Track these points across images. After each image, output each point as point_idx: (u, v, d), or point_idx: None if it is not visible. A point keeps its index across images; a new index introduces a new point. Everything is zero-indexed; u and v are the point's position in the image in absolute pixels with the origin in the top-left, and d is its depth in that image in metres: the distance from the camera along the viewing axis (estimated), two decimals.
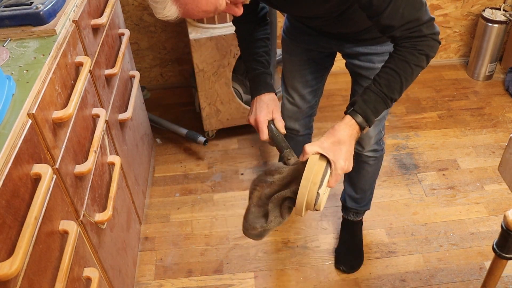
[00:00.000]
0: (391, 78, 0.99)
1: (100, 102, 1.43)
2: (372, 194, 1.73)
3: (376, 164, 1.59)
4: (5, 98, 0.91)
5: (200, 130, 2.29)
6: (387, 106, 1.02)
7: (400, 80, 0.99)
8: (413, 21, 0.96)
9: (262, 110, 1.17)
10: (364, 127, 1.01)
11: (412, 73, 1.00)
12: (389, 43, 1.07)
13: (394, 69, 0.99)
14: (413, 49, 0.98)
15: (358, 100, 1.01)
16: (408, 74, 0.99)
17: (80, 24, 1.30)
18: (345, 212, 1.78)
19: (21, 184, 0.88)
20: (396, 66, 0.99)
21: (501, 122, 2.39)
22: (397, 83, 0.99)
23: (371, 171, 1.60)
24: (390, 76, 0.99)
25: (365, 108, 1.00)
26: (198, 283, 1.73)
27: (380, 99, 1.00)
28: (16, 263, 0.78)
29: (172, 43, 2.54)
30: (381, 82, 1.00)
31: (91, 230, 1.22)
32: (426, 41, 0.99)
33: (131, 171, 1.75)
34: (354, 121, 1.00)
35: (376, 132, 1.46)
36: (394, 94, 1.00)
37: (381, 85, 1.00)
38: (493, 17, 2.50)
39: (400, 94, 1.01)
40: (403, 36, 0.98)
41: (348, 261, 1.74)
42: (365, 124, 1.00)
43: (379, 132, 1.48)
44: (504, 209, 1.94)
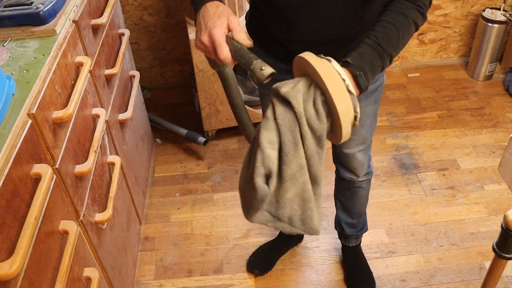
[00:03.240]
0: (388, 31, 0.89)
1: (100, 102, 1.43)
2: (366, 215, 1.69)
3: (368, 185, 1.56)
4: (5, 98, 0.91)
5: (200, 130, 2.29)
6: (383, 63, 0.89)
7: (397, 34, 0.90)
8: None
9: (214, 22, 0.86)
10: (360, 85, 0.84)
11: (409, 28, 0.92)
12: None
13: (391, 21, 0.90)
14: (412, 3, 0.92)
15: (352, 54, 0.87)
16: (406, 28, 0.91)
17: (80, 24, 1.30)
18: (345, 240, 1.72)
19: (21, 184, 0.88)
20: (393, 19, 0.91)
21: (501, 122, 2.39)
22: (395, 37, 0.90)
23: (365, 194, 1.58)
24: (387, 29, 0.89)
25: (361, 61, 0.85)
26: (198, 283, 1.73)
27: (376, 53, 0.88)
28: (16, 263, 0.78)
29: (172, 43, 2.54)
30: (377, 35, 0.89)
31: (91, 230, 1.22)
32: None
33: (131, 171, 1.75)
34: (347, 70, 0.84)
35: (367, 158, 1.45)
36: (391, 49, 0.89)
37: (378, 38, 0.88)
38: (493, 17, 2.50)
39: (396, 51, 0.91)
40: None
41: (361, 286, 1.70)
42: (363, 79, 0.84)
43: (369, 156, 1.47)
44: (504, 209, 1.94)
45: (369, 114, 1.31)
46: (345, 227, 1.66)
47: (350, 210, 1.62)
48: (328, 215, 1.94)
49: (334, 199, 1.66)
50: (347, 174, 1.48)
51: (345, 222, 1.65)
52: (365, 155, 1.42)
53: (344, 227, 1.66)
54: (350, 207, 1.61)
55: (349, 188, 1.55)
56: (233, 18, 0.87)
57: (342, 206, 1.63)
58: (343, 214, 1.64)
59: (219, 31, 0.84)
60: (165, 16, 2.43)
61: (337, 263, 1.78)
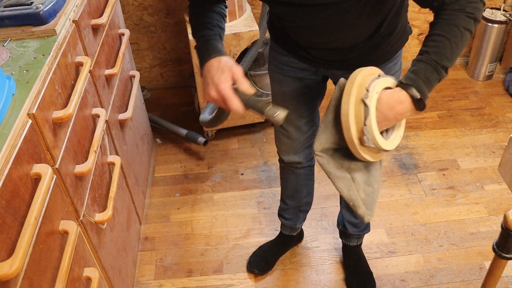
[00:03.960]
0: (440, 44, 0.91)
1: (100, 102, 1.43)
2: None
3: None
4: (5, 98, 0.91)
5: (200, 130, 2.29)
6: (439, 76, 0.92)
7: (450, 46, 0.90)
8: None
9: (219, 77, 0.94)
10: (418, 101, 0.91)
11: (462, 37, 0.92)
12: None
13: (442, 34, 0.91)
14: (461, 11, 0.91)
15: (407, 74, 0.91)
16: (458, 38, 0.91)
17: (80, 24, 1.30)
18: (347, 239, 1.72)
19: (21, 184, 0.88)
20: (443, 31, 0.91)
21: (501, 122, 2.39)
22: (447, 48, 0.91)
23: None
24: (438, 42, 0.91)
25: (415, 78, 0.90)
26: (198, 283, 1.73)
27: (430, 67, 0.90)
28: (16, 263, 0.78)
29: (172, 43, 2.54)
30: (429, 50, 0.91)
31: (91, 230, 1.22)
32: (474, 2, 0.92)
33: (131, 171, 1.75)
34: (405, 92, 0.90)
35: None
36: (445, 61, 0.91)
37: (430, 53, 0.91)
38: (493, 17, 2.50)
39: (451, 62, 0.92)
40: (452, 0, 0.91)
41: (361, 285, 1.70)
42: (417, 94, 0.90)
43: None
44: (504, 209, 1.94)
45: None
46: (348, 226, 1.66)
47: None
48: (328, 215, 1.94)
49: (339, 197, 1.66)
50: None
51: (348, 221, 1.65)
52: None
53: (347, 226, 1.66)
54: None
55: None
56: (236, 70, 0.94)
57: (346, 205, 1.63)
58: (347, 213, 1.64)
59: (226, 85, 0.92)
60: (165, 16, 2.43)
61: (337, 263, 1.78)
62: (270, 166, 2.19)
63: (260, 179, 2.13)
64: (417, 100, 0.90)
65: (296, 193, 1.64)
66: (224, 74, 0.93)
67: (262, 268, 1.75)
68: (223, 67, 0.94)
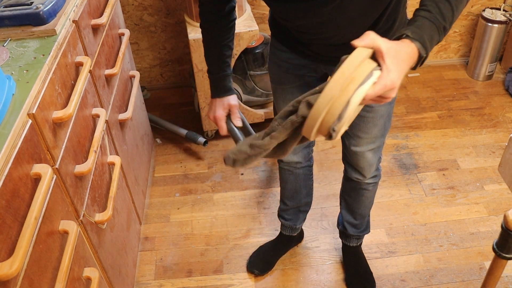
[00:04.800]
0: (440, 5, 0.86)
1: (100, 102, 1.43)
2: (369, 217, 1.69)
3: (374, 188, 1.55)
4: (5, 98, 0.91)
5: (200, 130, 2.29)
6: (439, 36, 0.86)
7: (451, 7, 0.87)
8: None
9: (218, 108, 1.26)
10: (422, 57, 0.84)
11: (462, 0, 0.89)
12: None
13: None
14: None
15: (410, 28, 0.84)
16: (459, 1, 0.88)
17: (80, 24, 1.30)
18: (346, 240, 1.72)
19: (21, 184, 0.88)
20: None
21: (501, 122, 2.39)
22: (448, 10, 0.87)
23: (370, 196, 1.57)
24: (440, 3, 0.86)
25: (422, 34, 0.83)
26: (198, 283, 1.73)
27: (434, 27, 0.85)
28: (16, 263, 0.78)
29: (172, 43, 2.54)
30: (431, 10, 0.86)
31: (91, 230, 1.22)
32: None
33: (131, 171, 1.75)
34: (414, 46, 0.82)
35: (376, 159, 1.43)
36: (447, 23, 0.87)
37: (432, 12, 0.86)
38: (493, 17, 2.50)
39: (451, 24, 0.88)
40: None
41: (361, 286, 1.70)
42: (424, 51, 0.83)
43: (379, 158, 1.45)
44: (504, 209, 1.94)
45: (383, 114, 1.29)
46: (348, 227, 1.66)
47: (354, 211, 1.62)
48: (328, 215, 1.94)
49: (339, 197, 1.66)
50: (354, 174, 1.48)
51: (347, 222, 1.65)
52: (375, 155, 1.41)
53: (346, 227, 1.66)
54: (354, 207, 1.61)
55: (355, 189, 1.54)
56: (233, 104, 1.26)
57: (347, 206, 1.63)
58: (347, 214, 1.64)
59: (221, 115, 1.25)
60: (165, 16, 2.43)
61: (337, 263, 1.78)
62: (270, 166, 2.19)
63: (260, 179, 2.13)
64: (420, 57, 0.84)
65: (296, 193, 1.65)
66: (223, 106, 1.26)
67: (262, 268, 1.75)
68: (225, 103, 1.26)
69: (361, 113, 1.28)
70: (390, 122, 1.37)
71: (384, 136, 1.38)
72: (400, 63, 0.78)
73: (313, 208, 1.84)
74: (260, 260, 1.77)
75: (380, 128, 1.33)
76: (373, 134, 1.33)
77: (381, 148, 1.42)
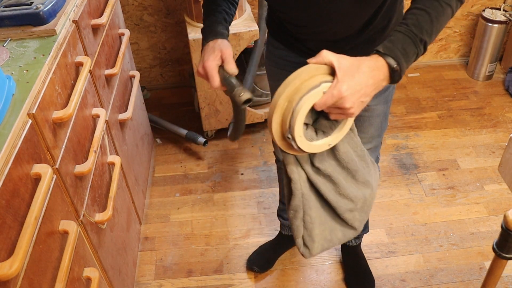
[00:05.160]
0: (420, 18, 0.88)
1: (100, 102, 1.43)
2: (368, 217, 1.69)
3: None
4: (5, 98, 0.91)
5: (200, 130, 2.30)
6: (417, 49, 0.88)
7: (430, 19, 0.87)
8: None
9: (209, 56, 1.03)
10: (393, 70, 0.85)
11: (444, 12, 0.89)
12: None
13: (422, 8, 0.88)
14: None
15: (384, 42, 0.87)
16: (439, 13, 0.88)
17: (80, 24, 1.30)
18: None
19: (21, 184, 0.88)
20: (423, 5, 0.88)
21: (501, 122, 2.39)
22: (427, 22, 0.87)
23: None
24: (418, 15, 0.88)
25: (392, 47, 0.85)
26: (198, 283, 1.73)
27: (409, 39, 0.86)
28: (16, 263, 0.78)
29: (172, 43, 2.54)
30: (408, 22, 0.88)
31: (91, 230, 1.22)
32: None
33: (131, 171, 1.75)
34: (382, 59, 0.84)
35: (373, 159, 1.38)
36: (424, 35, 0.88)
37: (409, 25, 0.87)
38: (493, 17, 2.50)
39: (431, 36, 0.89)
40: None
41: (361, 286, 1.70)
42: (393, 63, 0.85)
43: (376, 158, 1.45)
44: (504, 209, 1.94)
45: (379, 113, 1.29)
46: None
47: None
48: None
49: None
50: None
51: None
52: (372, 155, 1.40)
53: None
54: None
55: None
56: (226, 50, 1.02)
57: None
58: None
59: (211, 63, 1.00)
60: (165, 16, 2.43)
61: (337, 263, 1.78)
62: (270, 166, 2.19)
63: (260, 179, 2.13)
64: (393, 70, 0.85)
65: None
66: (214, 53, 1.01)
67: (262, 266, 1.75)
68: (215, 48, 1.02)
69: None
70: (387, 122, 1.36)
71: (381, 136, 1.38)
72: (355, 75, 0.81)
73: None
74: (260, 258, 1.77)
75: (376, 128, 1.33)
76: (369, 133, 1.33)
77: (379, 148, 1.42)
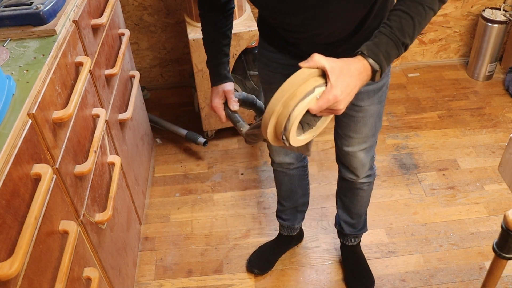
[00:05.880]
0: (403, 21, 0.90)
1: (100, 102, 1.43)
2: (367, 215, 1.69)
3: (369, 188, 1.55)
4: (5, 98, 0.91)
5: (200, 130, 2.29)
6: (398, 51, 0.92)
7: (413, 23, 0.90)
8: None
9: (215, 98, 1.27)
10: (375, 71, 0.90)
11: (426, 16, 0.91)
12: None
13: (406, 11, 0.90)
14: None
15: (368, 44, 0.91)
16: (422, 17, 0.91)
17: (80, 24, 1.30)
18: (344, 239, 1.72)
19: (21, 184, 0.88)
20: (408, 8, 0.90)
21: (501, 122, 2.39)
22: (410, 26, 0.90)
23: (365, 196, 1.57)
24: (402, 19, 0.90)
25: (376, 51, 0.89)
26: (198, 283, 1.73)
27: (392, 43, 0.90)
28: (16, 263, 0.78)
29: (172, 43, 2.54)
30: (392, 25, 0.90)
31: (91, 230, 1.22)
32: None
33: (131, 171, 1.75)
34: (366, 61, 0.88)
35: (369, 158, 1.43)
36: (406, 39, 0.91)
37: (393, 28, 0.90)
38: (493, 17, 2.50)
39: (412, 39, 0.92)
40: None
41: (360, 284, 1.70)
42: (377, 67, 0.89)
43: (372, 157, 1.45)
44: (504, 209, 1.94)
45: (372, 113, 1.30)
46: (344, 226, 1.66)
47: (350, 210, 1.62)
48: (328, 215, 1.94)
49: (335, 197, 1.66)
50: (347, 174, 1.48)
51: (344, 221, 1.65)
52: (367, 155, 1.41)
53: (343, 226, 1.66)
54: (350, 207, 1.61)
55: (350, 189, 1.54)
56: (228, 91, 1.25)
57: (342, 205, 1.63)
58: (343, 213, 1.64)
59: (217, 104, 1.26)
60: (165, 16, 2.43)
61: (337, 263, 1.78)
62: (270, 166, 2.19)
63: (260, 179, 2.13)
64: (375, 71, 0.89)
65: (292, 194, 1.65)
66: (219, 95, 1.26)
67: (262, 268, 1.75)
68: (219, 91, 1.26)
69: (351, 113, 1.29)
70: (381, 122, 1.37)
71: (375, 136, 1.38)
72: (346, 78, 0.85)
73: (313, 208, 1.84)
74: (260, 259, 1.77)
75: (370, 128, 1.33)
76: (364, 133, 1.33)
77: (373, 147, 1.42)
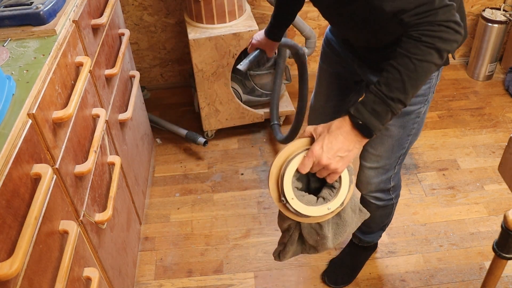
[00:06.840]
0: (390, 76, 0.88)
1: (100, 102, 1.43)
2: (380, 236, 1.68)
3: (381, 211, 1.51)
4: (5, 98, 0.91)
5: (200, 130, 2.29)
6: (389, 107, 0.89)
7: (401, 78, 0.87)
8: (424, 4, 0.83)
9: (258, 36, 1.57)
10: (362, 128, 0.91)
11: (416, 69, 0.87)
12: None
13: (394, 65, 0.88)
14: (417, 41, 0.85)
15: (357, 103, 0.92)
16: (411, 70, 0.87)
17: (80, 24, 1.30)
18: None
19: (21, 184, 0.88)
20: (396, 62, 0.88)
21: (501, 122, 2.39)
22: (397, 80, 0.87)
23: (376, 216, 1.51)
24: (389, 73, 0.88)
25: (362, 110, 0.90)
26: (198, 283, 1.73)
27: (378, 100, 0.89)
28: (16, 263, 0.78)
29: (172, 43, 2.54)
30: (380, 80, 0.90)
31: (91, 230, 1.22)
32: (438, 31, 0.85)
33: (131, 171, 1.75)
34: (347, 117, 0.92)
35: (378, 180, 1.38)
36: (395, 93, 0.88)
37: (380, 84, 0.89)
38: (493, 17, 2.50)
39: (404, 93, 0.89)
40: (411, 23, 0.85)
41: (333, 275, 1.70)
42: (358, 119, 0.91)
43: (385, 181, 1.40)
44: (504, 209, 1.94)
45: (391, 135, 1.25)
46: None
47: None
48: None
49: None
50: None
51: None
52: (377, 176, 1.36)
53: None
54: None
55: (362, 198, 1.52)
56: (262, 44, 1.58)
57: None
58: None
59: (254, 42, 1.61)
60: (165, 16, 2.43)
61: None
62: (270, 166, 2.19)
63: (260, 179, 2.13)
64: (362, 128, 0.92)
65: None
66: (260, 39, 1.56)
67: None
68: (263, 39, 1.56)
69: None
70: (402, 151, 1.32)
71: (390, 160, 1.33)
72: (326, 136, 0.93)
73: None
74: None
75: (386, 149, 1.29)
76: (378, 151, 1.31)
77: (388, 173, 1.37)
